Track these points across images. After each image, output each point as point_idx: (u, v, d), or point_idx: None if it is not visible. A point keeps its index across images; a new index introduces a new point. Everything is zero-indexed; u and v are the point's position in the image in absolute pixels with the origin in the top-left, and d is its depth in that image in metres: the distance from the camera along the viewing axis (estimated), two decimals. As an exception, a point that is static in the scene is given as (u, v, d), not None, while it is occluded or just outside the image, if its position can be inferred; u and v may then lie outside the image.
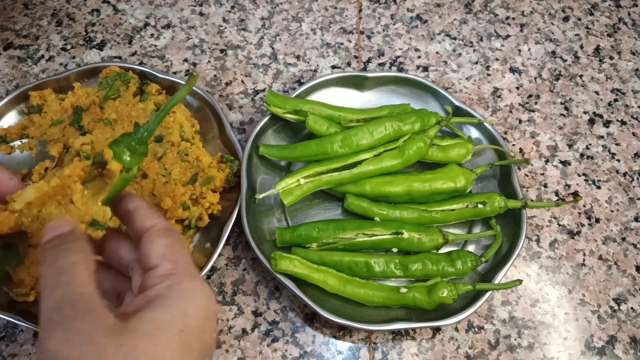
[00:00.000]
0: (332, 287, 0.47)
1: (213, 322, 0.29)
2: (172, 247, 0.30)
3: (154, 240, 0.30)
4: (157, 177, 0.48)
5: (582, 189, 0.56)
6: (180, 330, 0.26)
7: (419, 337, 0.48)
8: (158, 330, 0.26)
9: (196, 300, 0.28)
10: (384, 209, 0.50)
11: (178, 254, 0.30)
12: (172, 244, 0.30)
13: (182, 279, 0.29)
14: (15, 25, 0.64)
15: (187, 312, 0.27)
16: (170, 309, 0.27)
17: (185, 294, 0.28)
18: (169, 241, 0.30)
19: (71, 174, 0.31)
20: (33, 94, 0.52)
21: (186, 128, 0.52)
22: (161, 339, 0.26)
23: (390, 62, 0.63)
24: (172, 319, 0.27)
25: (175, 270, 0.29)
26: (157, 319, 0.26)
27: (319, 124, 0.52)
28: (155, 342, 0.26)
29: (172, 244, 0.30)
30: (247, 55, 0.63)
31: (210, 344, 0.29)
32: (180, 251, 0.30)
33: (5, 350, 0.46)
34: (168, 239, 0.31)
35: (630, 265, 0.52)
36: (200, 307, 0.28)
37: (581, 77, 0.64)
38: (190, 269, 0.30)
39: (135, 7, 0.66)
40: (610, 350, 0.48)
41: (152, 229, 0.31)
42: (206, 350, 0.28)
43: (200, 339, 0.28)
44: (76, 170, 0.32)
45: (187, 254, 0.31)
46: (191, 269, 0.30)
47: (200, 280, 0.30)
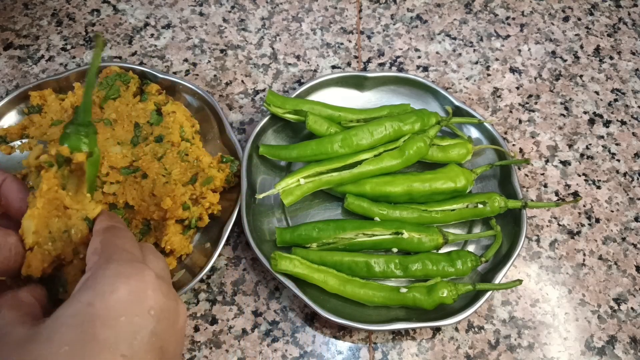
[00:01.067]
0: (332, 287, 0.47)
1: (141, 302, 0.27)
2: (104, 241, 0.30)
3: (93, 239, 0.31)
4: (157, 177, 0.48)
5: (582, 189, 0.56)
6: (82, 322, 0.25)
7: (419, 337, 0.48)
8: (56, 328, 0.25)
9: (107, 285, 0.26)
10: (384, 209, 0.50)
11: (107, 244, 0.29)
12: (105, 238, 0.30)
13: (98, 267, 0.27)
14: (15, 25, 0.64)
15: (92, 302, 0.26)
16: (74, 304, 0.26)
17: (94, 282, 0.27)
18: (103, 237, 0.30)
19: (49, 185, 0.33)
20: (33, 94, 0.52)
21: (186, 128, 0.52)
22: (57, 336, 0.25)
23: (390, 62, 0.63)
24: (72, 313, 0.25)
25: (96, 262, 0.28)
26: (58, 317, 0.26)
27: (319, 124, 0.52)
28: (51, 341, 0.25)
29: (105, 238, 0.30)
30: (247, 55, 0.63)
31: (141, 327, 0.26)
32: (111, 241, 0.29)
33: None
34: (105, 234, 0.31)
35: (630, 265, 0.52)
36: (113, 290, 0.26)
37: (581, 77, 0.64)
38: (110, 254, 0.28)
39: (135, 7, 0.66)
40: (610, 350, 0.48)
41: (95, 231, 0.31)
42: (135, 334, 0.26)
43: (117, 325, 0.25)
44: (50, 181, 0.33)
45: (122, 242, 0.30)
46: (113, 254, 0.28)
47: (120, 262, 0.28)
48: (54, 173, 0.34)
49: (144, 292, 0.27)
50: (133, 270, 0.27)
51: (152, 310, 0.27)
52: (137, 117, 0.52)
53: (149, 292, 0.27)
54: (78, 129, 0.34)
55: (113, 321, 0.25)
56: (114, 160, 0.48)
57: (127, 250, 0.29)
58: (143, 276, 0.27)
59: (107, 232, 0.31)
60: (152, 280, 0.28)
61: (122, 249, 0.29)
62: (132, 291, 0.27)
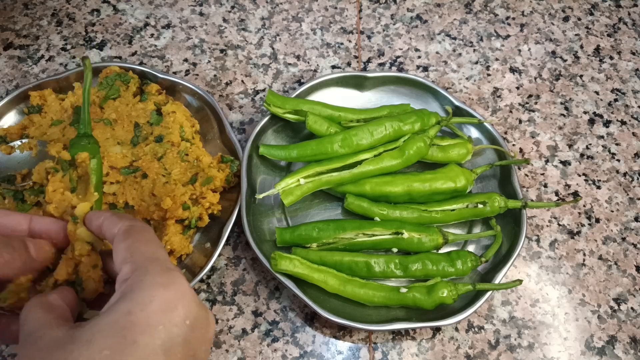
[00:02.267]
0: (332, 287, 0.47)
1: (177, 312, 0.27)
2: (131, 248, 0.30)
3: (117, 246, 0.31)
4: (157, 177, 0.48)
5: (582, 189, 0.56)
6: (122, 328, 0.26)
7: (419, 337, 0.48)
8: (97, 334, 0.26)
9: (145, 295, 0.27)
10: (384, 209, 0.50)
11: (137, 252, 0.30)
12: (132, 245, 0.30)
13: (135, 277, 0.28)
14: (15, 25, 0.64)
15: (131, 311, 0.26)
16: (113, 312, 0.27)
17: (133, 293, 0.27)
18: (128, 243, 0.30)
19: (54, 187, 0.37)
20: (33, 94, 0.52)
21: (186, 128, 0.52)
22: (97, 341, 0.26)
23: (390, 62, 0.63)
24: (113, 321, 0.26)
25: (131, 273, 0.29)
26: (98, 323, 0.27)
27: (319, 124, 0.52)
28: (91, 345, 0.25)
29: (132, 245, 0.30)
30: (247, 55, 0.63)
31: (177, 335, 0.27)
32: (140, 249, 0.30)
33: (6, 350, 0.46)
34: (128, 240, 0.31)
35: (630, 265, 0.52)
36: (152, 300, 0.27)
37: (581, 77, 0.64)
38: (145, 265, 0.29)
39: (135, 7, 0.66)
40: (610, 350, 0.48)
41: (116, 235, 0.31)
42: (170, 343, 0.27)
43: (154, 333, 0.26)
44: (55, 184, 0.38)
45: (149, 247, 0.30)
46: (147, 263, 0.29)
47: (156, 273, 0.28)
48: (59, 177, 0.38)
49: (180, 302, 0.28)
50: (169, 281, 0.28)
51: (188, 320, 0.28)
52: (137, 117, 0.52)
53: (185, 302, 0.28)
54: (81, 142, 0.39)
55: (152, 329, 0.26)
56: (114, 160, 0.48)
57: (159, 259, 0.30)
58: (179, 286, 0.28)
59: (129, 235, 0.31)
60: (186, 290, 0.29)
61: (153, 258, 0.30)
62: (169, 301, 0.27)
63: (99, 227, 0.34)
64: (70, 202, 0.37)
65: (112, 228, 0.32)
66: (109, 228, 0.33)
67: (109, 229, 0.33)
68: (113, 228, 0.32)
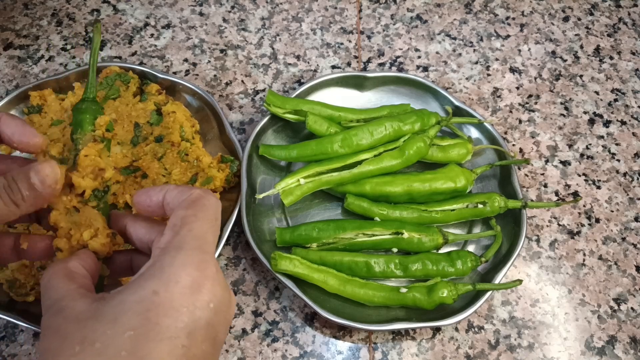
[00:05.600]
0: (332, 287, 0.47)
1: (203, 294, 0.27)
2: (185, 219, 0.29)
3: (176, 212, 0.30)
4: (157, 177, 0.48)
5: (582, 189, 0.56)
6: (146, 310, 0.25)
7: (419, 337, 0.48)
8: (122, 312, 0.26)
9: (173, 274, 0.27)
10: (384, 209, 0.50)
11: (187, 225, 0.29)
12: (188, 217, 0.29)
13: (166, 253, 0.28)
14: (15, 25, 0.64)
15: (157, 290, 0.26)
16: (140, 290, 0.26)
17: (161, 270, 0.27)
18: (188, 212, 0.29)
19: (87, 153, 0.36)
20: (33, 94, 0.52)
21: (186, 128, 0.52)
22: (121, 320, 0.25)
23: (390, 62, 0.63)
24: (138, 299, 0.26)
25: (169, 243, 0.28)
26: (124, 301, 0.26)
27: (319, 124, 0.52)
28: (115, 324, 0.25)
29: (188, 217, 0.29)
30: (247, 55, 0.63)
31: (200, 319, 0.27)
32: (191, 223, 0.29)
33: (5, 350, 0.46)
34: (189, 210, 0.29)
35: (630, 265, 0.52)
36: (178, 281, 0.27)
37: (581, 77, 0.64)
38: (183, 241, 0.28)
39: (135, 7, 0.66)
40: (610, 350, 0.48)
41: (184, 200, 0.30)
42: (193, 326, 0.26)
43: (178, 316, 0.26)
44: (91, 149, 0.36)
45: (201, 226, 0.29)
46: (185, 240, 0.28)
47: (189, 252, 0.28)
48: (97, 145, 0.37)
49: (205, 284, 0.28)
50: (198, 262, 0.28)
51: (212, 303, 0.28)
52: (137, 117, 0.52)
53: (209, 285, 0.28)
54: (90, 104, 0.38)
55: (175, 312, 0.26)
56: (114, 160, 0.48)
57: (200, 239, 0.29)
58: (207, 269, 0.28)
59: (192, 206, 0.30)
60: (213, 273, 0.28)
61: (196, 236, 0.29)
62: (194, 283, 0.27)
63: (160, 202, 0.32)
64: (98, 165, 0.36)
65: (180, 197, 0.31)
66: (177, 198, 0.31)
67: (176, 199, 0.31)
68: (181, 197, 0.31)
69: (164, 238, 0.29)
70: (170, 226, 0.29)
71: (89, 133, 0.37)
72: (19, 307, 0.44)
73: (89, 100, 0.38)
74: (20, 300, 0.45)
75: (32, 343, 0.46)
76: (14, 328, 0.47)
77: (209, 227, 0.30)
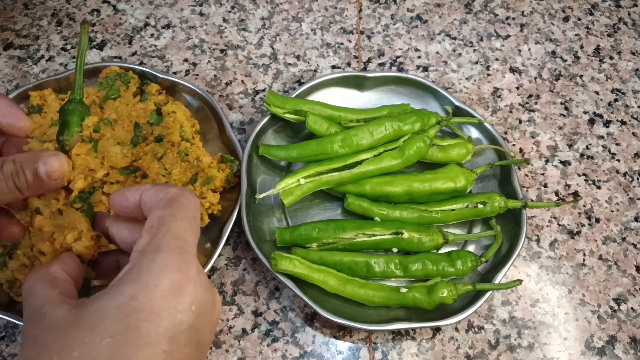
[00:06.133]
0: (332, 287, 0.47)
1: (184, 297, 0.26)
2: (163, 219, 0.28)
3: (153, 212, 0.29)
4: (157, 177, 0.48)
5: (582, 189, 0.56)
6: (125, 315, 0.25)
7: (419, 337, 0.48)
8: (99, 319, 0.25)
9: (152, 279, 0.26)
10: (384, 209, 0.50)
11: (165, 226, 0.28)
12: (166, 216, 0.28)
13: (144, 256, 0.27)
14: (15, 25, 0.64)
15: (135, 295, 0.25)
16: (118, 295, 0.26)
17: (139, 274, 0.26)
18: (165, 213, 0.28)
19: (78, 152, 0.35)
20: (33, 94, 0.52)
21: (186, 128, 0.52)
22: (100, 327, 0.25)
23: (390, 62, 0.63)
24: (116, 305, 0.25)
25: (147, 245, 0.27)
26: (101, 307, 0.26)
27: (319, 124, 0.52)
28: (93, 331, 0.25)
29: (166, 216, 0.28)
30: (247, 55, 0.63)
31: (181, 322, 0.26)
32: (169, 223, 0.28)
33: (5, 350, 0.46)
34: (166, 210, 0.29)
35: (630, 265, 0.52)
36: (158, 285, 0.26)
37: (581, 77, 0.64)
38: (161, 243, 0.27)
39: (135, 7, 0.66)
40: (610, 350, 0.48)
41: (160, 200, 0.29)
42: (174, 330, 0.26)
43: (158, 321, 0.25)
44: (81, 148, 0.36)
45: (180, 225, 0.28)
46: (164, 242, 0.27)
47: (168, 254, 0.27)
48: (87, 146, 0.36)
49: (186, 287, 0.27)
50: (178, 264, 0.27)
51: (193, 305, 0.27)
52: (137, 117, 0.52)
53: (191, 287, 0.27)
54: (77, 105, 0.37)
55: (155, 316, 0.26)
56: (114, 160, 0.48)
57: (180, 239, 0.28)
58: (187, 270, 0.27)
59: (169, 206, 0.29)
60: (194, 274, 0.28)
61: (175, 236, 0.28)
62: (175, 286, 0.26)
63: (137, 202, 0.31)
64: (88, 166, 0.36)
65: (156, 197, 0.30)
66: (153, 198, 0.30)
67: (153, 198, 0.30)
68: (158, 196, 0.30)
69: (141, 240, 0.28)
70: (147, 228, 0.28)
71: (76, 134, 0.36)
72: (19, 307, 0.44)
73: (76, 102, 0.37)
74: (20, 300, 0.45)
75: (32, 343, 0.46)
76: (14, 328, 0.47)
77: (189, 227, 0.29)
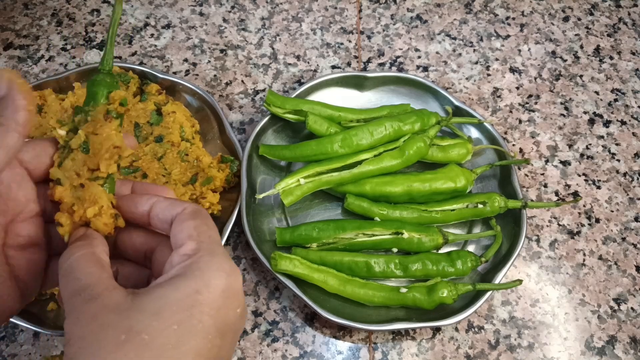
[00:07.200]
0: (332, 287, 0.47)
1: (233, 299, 0.29)
2: (199, 227, 0.31)
3: (183, 223, 0.31)
4: (157, 177, 0.48)
5: (582, 189, 0.56)
6: (190, 306, 0.27)
7: (419, 337, 0.48)
8: (165, 306, 0.26)
9: (213, 277, 0.28)
10: (384, 209, 0.50)
11: (204, 234, 0.30)
12: (200, 225, 0.31)
13: (201, 257, 0.29)
14: (15, 25, 0.64)
15: (200, 290, 0.27)
16: (182, 287, 0.27)
17: (201, 272, 0.28)
18: (197, 222, 0.31)
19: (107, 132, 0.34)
20: (33, 94, 0.52)
21: (186, 128, 0.52)
22: (166, 314, 0.26)
23: (390, 62, 0.63)
24: (182, 296, 0.27)
25: (197, 250, 0.29)
26: (166, 296, 0.27)
27: (319, 124, 0.52)
28: (160, 317, 0.26)
29: (200, 225, 0.31)
30: (247, 55, 0.63)
31: (230, 322, 0.29)
32: (207, 232, 0.31)
33: (5, 350, 0.46)
34: (196, 220, 0.31)
35: (630, 265, 0.52)
36: (217, 284, 0.28)
37: (581, 77, 0.64)
38: (213, 248, 0.30)
39: (135, 7, 0.66)
40: (610, 350, 0.48)
41: (182, 212, 0.31)
42: (225, 328, 0.28)
43: (216, 316, 0.27)
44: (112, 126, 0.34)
45: (215, 234, 0.31)
46: (214, 247, 0.30)
47: (221, 257, 0.29)
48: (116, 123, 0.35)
49: (236, 290, 0.29)
50: (231, 269, 0.29)
51: (239, 308, 0.29)
52: (137, 117, 0.52)
53: (240, 291, 0.30)
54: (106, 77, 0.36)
55: (215, 312, 0.27)
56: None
57: (221, 245, 0.31)
58: (238, 276, 0.30)
59: (197, 216, 0.31)
60: (240, 280, 0.30)
61: (218, 242, 0.31)
62: (229, 287, 0.29)
63: (145, 212, 0.32)
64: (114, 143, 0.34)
65: (171, 210, 0.32)
66: (168, 210, 0.32)
67: (167, 210, 0.32)
68: (173, 209, 0.32)
69: (187, 246, 0.30)
70: (187, 235, 0.30)
71: (102, 105, 0.35)
72: (19, 307, 0.44)
73: (105, 73, 0.36)
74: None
75: (32, 343, 0.46)
76: (14, 328, 0.47)
77: (217, 233, 0.31)
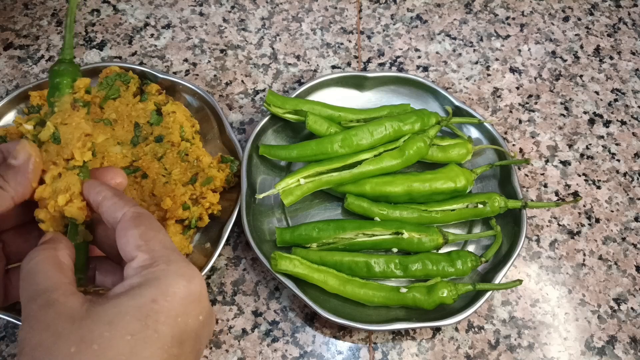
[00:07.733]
0: (332, 287, 0.47)
1: (195, 306, 0.28)
2: (145, 235, 0.30)
3: (126, 233, 0.30)
4: (157, 177, 0.48)
5: (582, 189, 0.56)
6: (145, 316, 0.26)
7: (419, 337, 0.48)
8: (119, 316, 0.26)
9: (171, 285, 0.27)
10: (384, 209, 0.50)
11: (153, 241, 0.29)
12: (145, 232, 0.30)
13: (156, 267, 0.28)
14: (15, 25, 0.64)
15: (156, 299, 0.27)
16: (138, 296, 0.27)
17: (158, 281, 0.27)
18: (141, 230, 0.30)
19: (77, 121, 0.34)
20: (33, 94, 0.52)
21: (186, 128, 0.52)
22: (120, 324, 0.26)
23: (390, 62, 0.63)
24: (137, 305, 0.26)
25: (151, 260, 0.29)
26: (120, 305, 0.26)
27: (319, 124, 0.52)
28: (113, 327, 0.25)
29: (145, 232, 0.30)
30: (247, 55, 0.63)
31: (190, 329, 0.28)
32: (155, 237, 0.30)
33: (5, 350, 0.46)
34: (140, 227, 0.30)
35: (630, 265, 0.52)
36: (176, 292, 0.27)
37: (581, 77, 0.64)
38: (167, 255, 0.29)
39: (135, 7, 0.66)
40: (610, 350, 0.48)
41: (122, 220, 0.30)
42: (184, 336, 0.27)
43: (173, 324, 0.27)
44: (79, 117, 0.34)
45: (165, 237, 0.30)
46: (168, 253, 0.29)
47: (180, 264, 0.29)
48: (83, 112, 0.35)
49: (197, 296, 0.28)
50: (191, 275, 0.29)
51: (201, 315, 0.29)
52: (137, 117, 0.52)
53: (202, 297, 0.29)
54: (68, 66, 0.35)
55: (172, 320, 0.27)
56: (114, 160, 0.48)
57: (175, 250, 0.30)
58: (199, 281, 0.29)
59: (140, 223, 0.30)
60: (203, 286, 0.29)
61: (171, 247, 0.30)
62: (189, 294, 0.28)
63: (97, 203, 0.32)
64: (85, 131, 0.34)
65: (114, 211, 0.31)
66: (111, 210, 0.31)
67: (111, 211, 0.31)
68: (115, 212, 0.31)
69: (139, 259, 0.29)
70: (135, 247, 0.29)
71: (67, 95, 0.34)
72: (18, 307, 0.44)
73: (66, 62, 0.35)
74: (20, 300, 0.45)
75: (32, 343, 0.46)
76: (14, 328, 0.47)
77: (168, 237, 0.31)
